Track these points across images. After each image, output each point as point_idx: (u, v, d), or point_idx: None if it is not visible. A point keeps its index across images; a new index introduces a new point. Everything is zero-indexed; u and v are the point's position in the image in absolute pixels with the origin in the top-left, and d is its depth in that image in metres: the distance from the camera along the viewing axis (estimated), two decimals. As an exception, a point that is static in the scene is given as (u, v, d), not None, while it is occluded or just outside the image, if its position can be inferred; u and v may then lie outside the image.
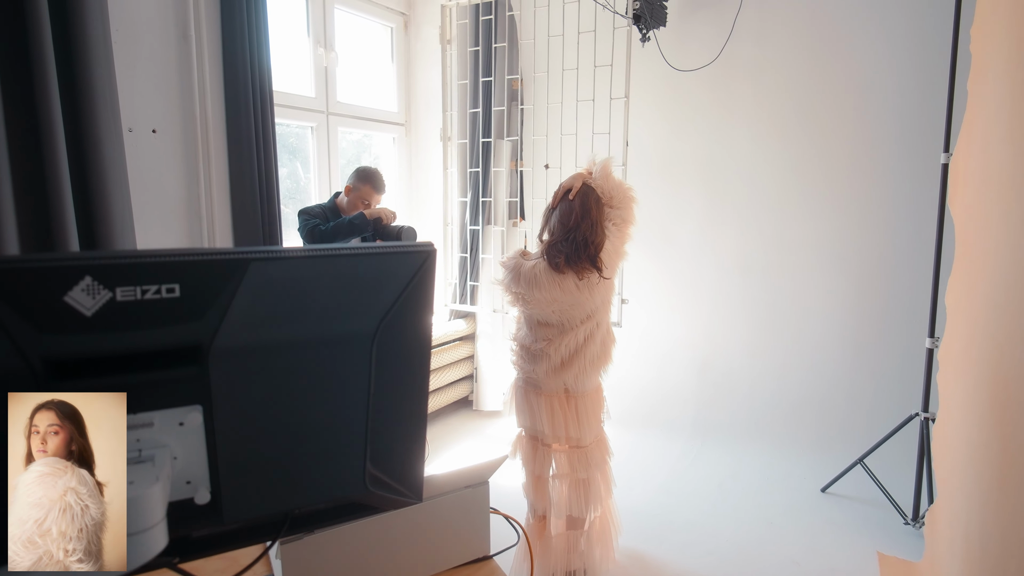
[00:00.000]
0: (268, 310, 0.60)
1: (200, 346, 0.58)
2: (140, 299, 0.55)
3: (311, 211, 2.53)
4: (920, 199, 2.73)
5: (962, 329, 1.82)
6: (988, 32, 1.73)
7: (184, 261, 0.57)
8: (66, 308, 0.53)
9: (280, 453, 0.64)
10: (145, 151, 2.22)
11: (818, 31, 2.95)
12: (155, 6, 2.23)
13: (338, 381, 0.65)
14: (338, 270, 0.64)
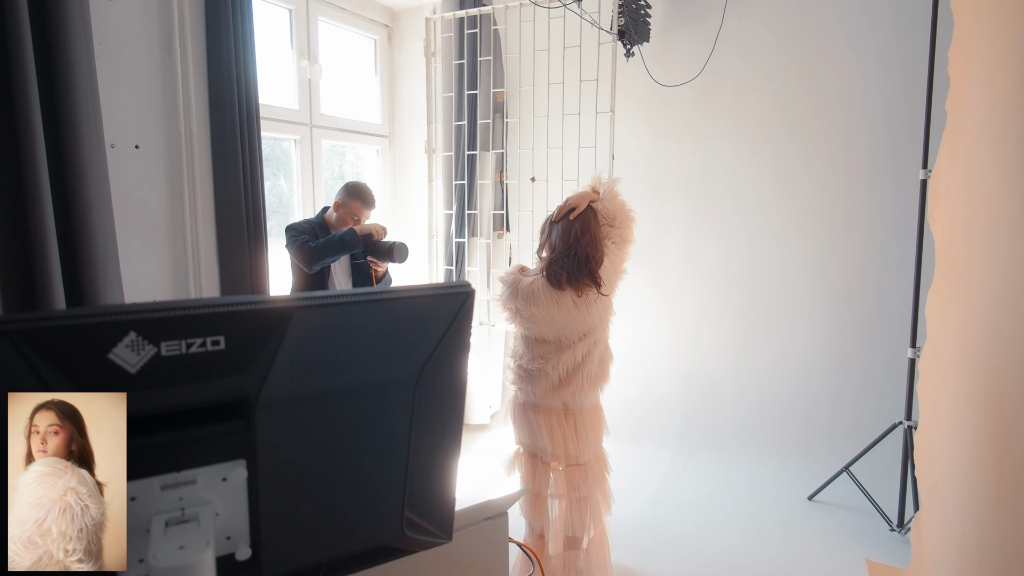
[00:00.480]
0: (312, 359, 0.59)
1: (246, 400, 0.56)
2: (185, 353, 0.53)
3: (299, 227, 2.48)
4: (899, 213, 2.81)
5: (947, 341, 1.88)
6: (967, 56, 1.80)
7: (230, 312, 0.55)
8: (110, 366, 0.51)
9: (320, 503, 0.63)
10: (127, 167, 2.16)
11: (798, 48, 3.02)
12: (139, 18, 2.17)
13: (379, 428, 0.64)
14: (380, 315, 0.63)
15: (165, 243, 2.30)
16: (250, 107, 2.46)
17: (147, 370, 0.52)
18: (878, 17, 2.80)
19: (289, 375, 0.57)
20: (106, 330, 0.50)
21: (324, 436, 0.61)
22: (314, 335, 0.58)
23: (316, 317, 0.59)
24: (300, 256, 2.37)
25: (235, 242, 2.45)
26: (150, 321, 0.52)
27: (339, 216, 2.53)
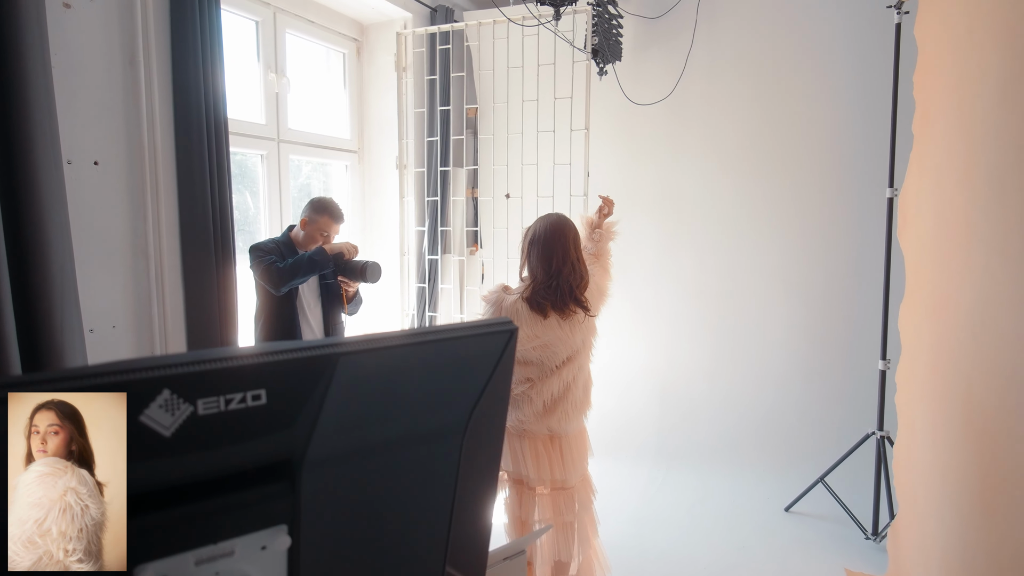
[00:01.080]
0: (359, 410, 0.54)
1: (291, 459, 0.51)
2: (224, 410, 0.48)
3: (264, 247, 2.37)
4: (866, 230, 2.92)
5: (922, 355, 1.94)
6: (933, 81, 1.88)
7: (272, 362, 0.50)
8: (142, 429, 0.45)
9: (362, 566, 0.57)
10: (85, 185, 2.03)
11: (765, 71, 3.11)
12: (99, 27, 2.06)
13: (425, 481, 0.59)
14: (427, 358, 0.58)
15: (126, 264, 2.17)
16: (218, 121, 2.36)
17: (183, 432, 0.46)
18: (842, 41, 2.92)
19: (335, 429, 0.52)
20: (137, 389, 0.44)
21: (370, 494, 0.56)
22: (360, 383, 0.54)
23: (362, 363, 0.54)
24: (267, 277, 2.27)
25: (201, 263, 2.33)
26: (185, 376, 0.46)
27: (307, 233, 2.44)
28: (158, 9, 2.20)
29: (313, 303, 2.53)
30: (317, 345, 0.53)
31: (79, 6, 2.00)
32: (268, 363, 0.50)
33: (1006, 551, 1.30)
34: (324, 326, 2.55)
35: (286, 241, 2.46)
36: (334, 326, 2.57)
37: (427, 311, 3.59)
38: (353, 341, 0.54)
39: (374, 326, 3.82)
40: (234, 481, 0.49)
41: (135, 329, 2.19)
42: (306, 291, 2.48)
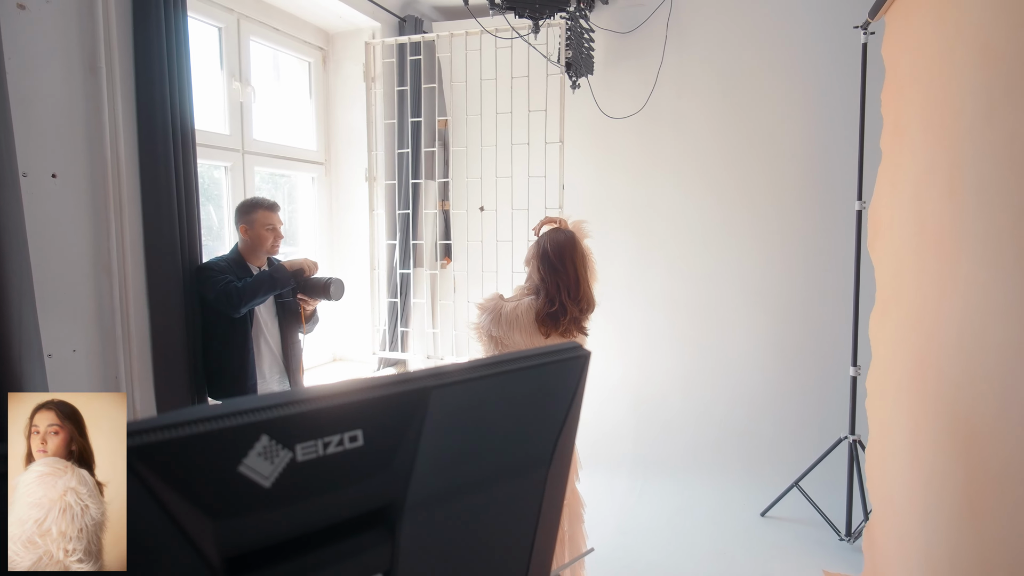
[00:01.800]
0: (453, 446, 0.50)
1: (391, 503, 0.46)
2: (322, 455, 0.43)
3: (215, 266, 2.23)
4: (834, 242, 3.03)
5: (895, 362, 2.02)
6: (904, 100, 1.97)
7: (367, 399, 0.46)
8: (241, 481, 0.40)
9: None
10: (43, 199, 1.89)
11: (734, 87, 3.21)
12: (56, 31, 1.92)
13: (513, 516, 0.56)
14: (511, 387, 0.55)
15: (87, 284, 2.02)
16: (184, 132, 2.25)
17: (283, 481, 0.41)
18: (809, 59, 3.04)
19: (432, 468, 0.48)
20: (234, 437, 0.40)
21: (463, 534, 0.52)
22: (453, 417, 0.50)
23: (454, 396, 0.50)
24: (223, 299, 2.13)
25: (168, 282, 2.20)
26: (283, 420, 0.42)
27: (252, 237, 2.31)
28: (120, 13, 2.08)
29: (270, 322, 2.41)
30: (409, 378, 0.49)
31: (34, 7, 1.87)
32: (364, 400, 0.46)
33: (995, 547, 1.35)
34: (282, 346, 2.44)
35: (235, 258, 2.33)
36: (292, 346, 2.47)
37: (399, 326, 3.51)
38: (444, 372, 0.51)
39: (343, 342, 3.71)
40: (332, 531, 0.44)
41: (98, 353, 2.04)
42: (262, 311, 2.37)
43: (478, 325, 1.97)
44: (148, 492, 0.36)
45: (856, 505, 2.63)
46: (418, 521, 0.48)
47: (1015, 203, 1.22)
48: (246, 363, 2.27)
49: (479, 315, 1.96)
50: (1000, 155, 1.28)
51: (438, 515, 0.49)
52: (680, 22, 3.21)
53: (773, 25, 3.06)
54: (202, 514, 0.38)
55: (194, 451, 0.38)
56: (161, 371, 2.21)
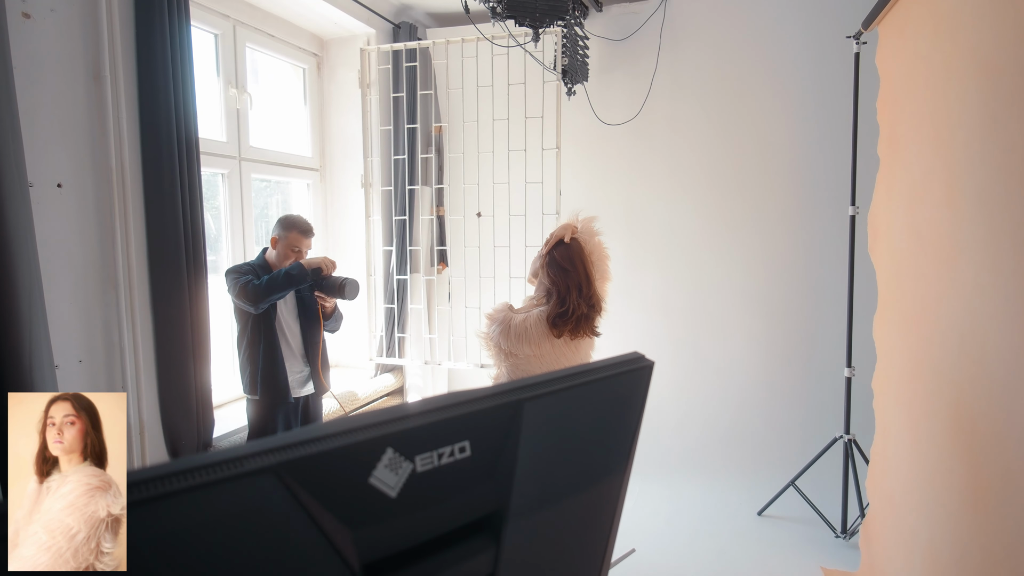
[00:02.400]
0: (546, 455, 0.53)
1: (496, 511, 0.49)
2: (438, 466, 0.46)
3: (240, 269, 2.30)
4: (827, 245, 3.11)
5: (899, 363, 2.09)
6: (900, 109, 2.04)
7: (471, 412, 0.48)
8: (372, 492, 0.42)
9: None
10: (48, 209, 1.87)
11: (727, 94, 3.27)
12: (61, 39, 1.91)
13: (595, 521, 0.58)
14: (590, 397, 0.58)
15: (94, 294, 2.00)
16: (188, 140, 2.24)
17: (406, 491, 0.44)
18: (802, 67, 3.11)
19: (530, 477, 0.51)
20: (364, 450, 0.42)
21: (555, 539, 0.54)
22: (544, 428, 0.53)
23: (543, 407, 0.53)
24: (244, 295, 2.18)
25: (173, 292, 2.19)
26: (404, 433, 0.44)
27: (279, 252, 2.39)
28: (124, 21, 2.07)
29: (292, 322, 2.45)
30: (504, 391, 0.51)
31: (39, 16, 1.86)
32: (469, 413, 0.48)
33: (999, 542, 1.41)
34: (303, 345, 2.48)
35: (262, 263, 2.40)
36: (314, 345, 2.50)
37: (396, 332, 3.51)
38: (533, 384, 0.53)
39: (339, 349, 3.70)
40: (445, 538, 0.47)
41: (104, 363, 2.03)
42: (284, 311, 2.41)
43: (487, 335, 1.98)
44: (297, 503, 0.37)
45: (851, 503, 2.70)
46: (519, 527, 0.50)
47: (1015, 211, 1.28)
48: (276, 360, 2.33)
49: (488, 325, 1.98)
50: (1000, 165, 1.34)
51: (536, 521, 0.52)
52: (674, 30, 3.27)
53: (766, 34, 3.14)
54: (342, 524, 0.40)
55: (332, 464, 0.40)
56: (165, 380, 2.20)
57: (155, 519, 0.34)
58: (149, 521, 0.33)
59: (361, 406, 3.27)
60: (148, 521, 0.33)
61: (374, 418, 0.43)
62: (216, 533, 0.35)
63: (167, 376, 2.20)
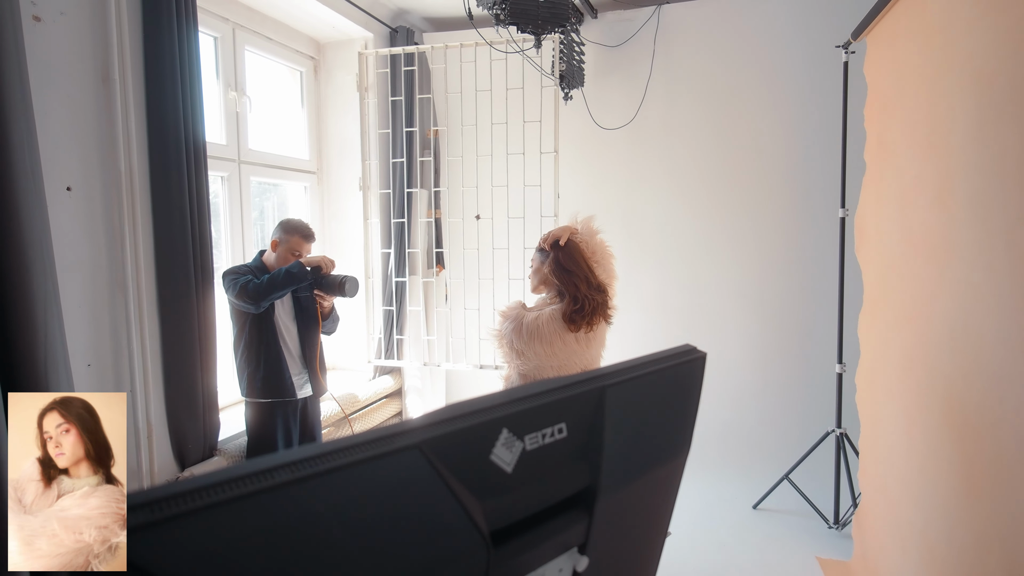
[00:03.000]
0: (627, 437, 0.57)
1: (589, 486, 0.53)
2: (542, 445, 0.50)
3: (239, 270, 2.31)
4: (817, 246, 3.21)
5: (884, 359, 2.18)
6: (888, 115, 2.13)
7: (565, 397, 0.53)
8: (492, 468, 0.46)
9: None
10: (58, 212, 1.86)
11: (720, 99, 3.36)
12: (70, 42, 1.91)
13: (663, 500, 0.63)
14: (658, 383, 0.63)
15: (103, 298, 2.00)
16: (196, 144, 2.25)
17: (519, 468, 0.48)
18: (793, 74, 3.21)
19: (615, 456, 0.56)
20: (485, 430, 0.46)
21: (634, 514, 0.59)
22: (623, 411, 0.57)
23: (622, 392, 0.58)
24: (244, 295, 2.19)
25: (180, 297, 2.19)
26: (517, 415, 0.48)
27: (278, 255, 2.40)
28: (132, 24, 2.07)
29: (289, 324, 2.46)
30: (590, 377, 0.56)
31: (50, 19, 1.86)
32: (564, 398, 0.53)
33: (993, 527, 1.49)
34: (301, 347, 2.48)
35: (259, 265, 2.40)
36: (311, 347, 2.51)
37: (395, 334, 3.53)
38: (613, 372, 0.58)
39: (337, 351, 3.70)
40: (548, 512, 0.51)
41: (112, 367, 2.03)
42: (281, 312, 2.41)
43: (499, 332, 2.02)
44: (439, 476, 0.42)
45: (844, 494, 2.79)
46: (607, 502, 0.55)
47: (1008, 212, 1.37)
48: (275, 362, 2.34)
49: (501, 323, 2.02)
50: (992, 170, 1.42)
51: (620, 496, 0.56)
52: (667, 37, 3.36)
53: (757, 41, 3.23)
54: (472, 495, 0.44)
55: (463, 442, 0.44)
56: (172, 383, 2.20)
57: (317, 495, 0.37)
58: (313, 496, 0.37)
59: (361, 408, 3.29)
60: (312, 496, 0.37)
61: (490, 401, 0.48)
62: (371, 505, 0.39)
63: (174, 379, 2.20)
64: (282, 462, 0.36)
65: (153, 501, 0.31)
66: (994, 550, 1.45)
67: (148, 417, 2.12)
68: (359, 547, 0.38)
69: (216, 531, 0.32)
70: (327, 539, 0.37)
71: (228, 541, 0.33)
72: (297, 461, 0.37)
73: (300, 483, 0.36)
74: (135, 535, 0.30)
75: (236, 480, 0.34)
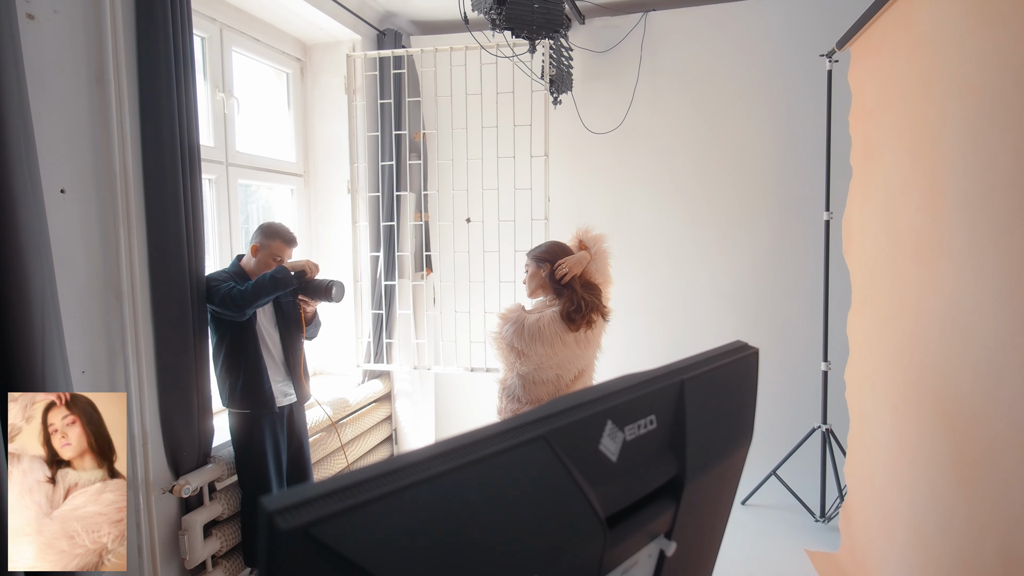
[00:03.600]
0: (704, 427, 0.60)
1: (676, 476, 0.56)
2: (638, 435, 0.52)
3: (218, 277, 2.28)
4: (801, 248, 3.30)
5: (872, 356, 2.26)
6: (875, 123, 2.22)
7: (654, 390, 0.55)
8: (601, 458, 0.49)
9: (692, 569, 0.63)
10: (52, 216, 1.81)
11: (707, 105, 3.44)
12: (65, 42, 1.86)
13: (730, 483, 0.66)
14: (724, 377, 0.66)
15: (98, 304, 1.95)
16: (191, 147, 2.21)
17: (622, 457, 0.50)
18: (776, 80, 3.30)
19: (697, 446, 0.58)
20: (594, 422, 0.48)
21: (711, 500, 0.62)
22: (700, 403, 0.60)
23: (698, 385, 0.60)
24: (229, 303, 2.17)
25: (175, 300, 2.14)
26: (618, 407, 0.50)
27: (259, 260, 2.36)
28: (126, 23, 2.03)
29: (271, 330, 2.43)
30: (671, 371, 0.59)
31: (43, 17, 1.81)
32: (653, 391, 0.55)
33: (985, 511, 1.57)
34: (284, 353, 2.45)
35: (237, 271, 2.37)
36: (295, 352, 2.48)
37: (384, 337, 3.52)
38: (687, 367, 0.61)
39: (324, 356, 3.67)
40: (646, 498, 0.53)
41: (107, 375, 1.98)
42: (263, 319, 2.38)
43: (499, 335, 2.04)
44: (563, 465, 0.44)
45: (830, 489, 2.88)
46: (691, 490, 0.57)
47: (998, 216, 1.45)
48: (259, 370, 2.29)
49: (501, 325, 2.04)
50: (983, 176, 1.50)
51: (701, 484, 0.59)
52: (654, 44, 3.42)
53: (742, 49, 3.33)
54: (588, 483, 0.46)
55: (578, 433, 0.46)
56: (167, 390, 2.16)
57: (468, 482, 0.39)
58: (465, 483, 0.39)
59: (351, 413, 3.26)
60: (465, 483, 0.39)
61: (595, 394, 0.50)
62: (511, 491, 0.41)
63: (169, 386, 2.15)
64: (434, 454, 0.38)
65: (340, 489, 0.32)
66: (989, 537, 1.52)
67: (143, 424, 2.07)
68: (502, 529, 0.40)
69: (395, 516, 0.34)
70: (477, 522, 0.38)
71: (403, 525, 0.34)
72: (447, 452, 0.38)
73: (456, 472, 0.37)
74: (332, 522, 0.31)
75: (402, 470, 0.35)
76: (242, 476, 2.35)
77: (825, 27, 3.03)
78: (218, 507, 2.32)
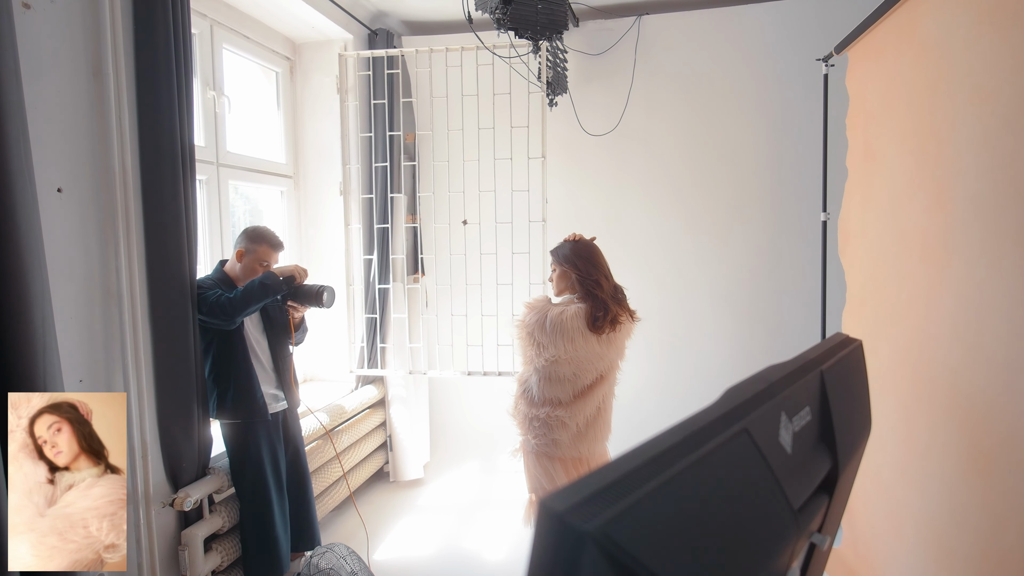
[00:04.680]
0: (844, 417, 0.59)
1: (831, 469, 0.54)
2: (802, 427, 0.51)
3: (204, 284, 2.20)
4: (798, 249, 3.36)
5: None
6: (875, 126, 2.28)
7: (803, 381, 0.54)
8: (780, 450, 0.47)
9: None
10: (49, 216, 1.72)
11: (701, 107, 3.48)
12: (61, 34, 1.77)
13: (852, 485, 0.65)
14: (844, 371, 0.65)
15: (96, 309, 1.85)
16: (188, 144, 2.13)
17: (794, 448, 0.48)
18: (771, 83, 3.36)
19: (842, 437, 0.57)
20: (774, 413, 0.47)
21: (843, 499, 0.61)
22: (838, 394, 0.59)
23: (833, 376, 0.59)
24: (218, 311, 2.10)
25: (172, 304, 2.06)
26: (786, 400, 0.49)
27: (244, 265, 2.29)
28: (124, 15, 1.94)
29: (259, 337, 2.36)
30: (805, 362, 0.57)
31: (39, 8, 1.72)
32: (804, 381, 0.54)
33: (1004, 501, 1.61)
34: (273, 360, 2.39)
35: (221, 276, 2.30)
36: (284, 359, 2.42)
37: (378, 342, 3.45)
38: (817, 358, 0.59)
39: (315, 362, 3.57)
40: (813, 491, 0.52)
41: (105, 383, 1.88)
42: (250, 325, 2.32)
43: (523, 323, 2.02)
44: (761, 456, 0.42)
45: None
46: (841, 482, 0.56)
47: (1016, 213, 1.49)
48: (249, 378, 2.24)
49: (526, 313, 2.02)
50: (999, 175, 1.55)
51: (845, 476, 0.58)
52: (648, 46, 3.46)
53: (735, 52, 3.38)
54: (778, 475, 0.44)
55: (766, 425, 0.44)
56: (165, 400, 2.06)
57: (702, 475, 0.37)
58: (700, 476, 0.37)
59: (346, 420, 3.18)
60: (700, 476, 0.37)
61: (760, 384, 0.48)
62: (729, 481, 0.39)
63: (168, 395, 2.06)
64: (664, 447, 0.35)
65: (612, 484, 0.30)
66: (1011, 527, 1.56)
67: (143, 435, 1.97)
68: (724, 519, 0.38)
69: (659, 509, 0.31)
70: (708, 512, 0.36)
71: (665, 517, 0.32)
72: (674, 445, 0.36)
73: (695, 465, 0.35)
74: (623, 520, 0.29)
75: (650, 463, 0.33)
76: (239, 487, 2.26)
77: (818, 32, 3.10)
78: (218, 520, 2.22)
